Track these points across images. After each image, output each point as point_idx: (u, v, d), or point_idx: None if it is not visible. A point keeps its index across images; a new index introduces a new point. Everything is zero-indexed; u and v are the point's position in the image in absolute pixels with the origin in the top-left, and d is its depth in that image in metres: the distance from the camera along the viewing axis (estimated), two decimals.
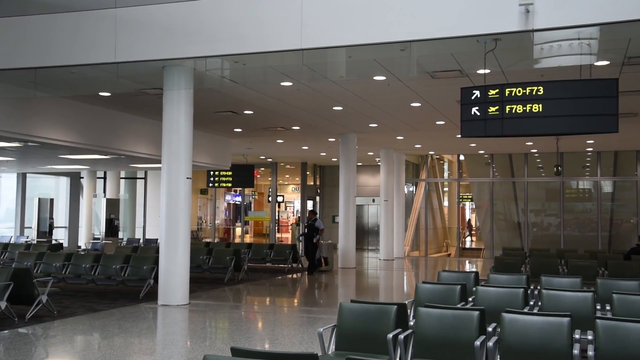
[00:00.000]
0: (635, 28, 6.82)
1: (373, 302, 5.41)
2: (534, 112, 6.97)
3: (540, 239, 21.92)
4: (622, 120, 9.56)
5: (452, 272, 8.45)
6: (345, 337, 5.11)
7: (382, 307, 5.19)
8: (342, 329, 5.14)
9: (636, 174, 20.54)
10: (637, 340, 4.34)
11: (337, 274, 15.22)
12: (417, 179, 23.71)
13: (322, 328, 5.10)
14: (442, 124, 14.21)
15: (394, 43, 7.47)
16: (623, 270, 9.94)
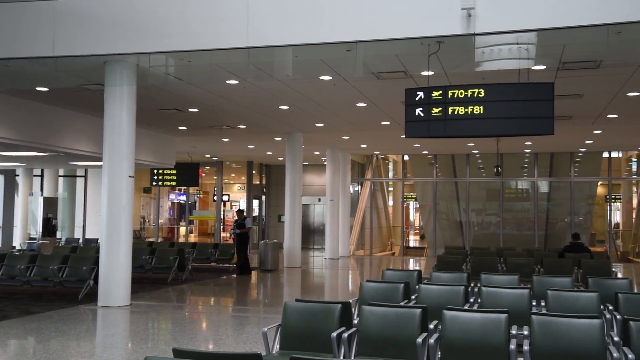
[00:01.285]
0: (569, 35, 7.10)
1: (318, 301, 5.43)
2: (475, 114, 7.15)
3: (481, 238, 22.54)
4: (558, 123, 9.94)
5: (396, 270, 8.59)
6: (290, 336, 5.11)
7: (326, 306, 5.22)
8: (286, 328, 5.14)
9: (570, 174, 21.38)
10: (569, 334, 4.52)
11: (282, 273, 15.20)
12: (362, 179, 23.94)
13: (266, 327, 5.08)
14: (387, 124, 14.40)
15: (340, 43, 7.53)
16: (557, 267, 10.33)
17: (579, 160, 21.69)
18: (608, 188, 22.03)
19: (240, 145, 19.22)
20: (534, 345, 4.57)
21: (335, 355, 4.78)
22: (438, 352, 4.80)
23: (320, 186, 24.21)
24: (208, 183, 31.28)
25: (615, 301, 6.00)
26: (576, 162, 21.52)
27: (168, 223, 27.96)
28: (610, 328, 5.79)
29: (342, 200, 20.81)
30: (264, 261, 15.43)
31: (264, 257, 15.44)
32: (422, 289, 6.60)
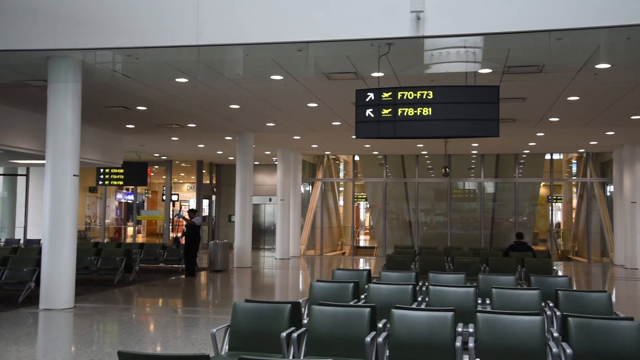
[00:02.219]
0: (513, 39, 7.32)
1: (267, 302, 5.41)
2: (424, 115, 7.27)
3: (430, 237, 22.94)
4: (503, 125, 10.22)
5: (346, 270, 8.64)
6: (239, 337, 5.07)
7: (276, 306, 5.21)
8: (235, 329, 5.10)
9: (515, 176, 22.01)
10: (512, 331, 4.66)
11: (232, 273, 15.08)
12: (313, 179, 24.00)
13: (215, 329, 5.03)
14: (338, 125, 14.48)
15: (291, 43, 7.53)
16: (502, 266, 10.61)
17: (523, 161, 22.36)
18: (550, 189, 22.79)
19: (190, 144, 18.96)
20: (478, 342, 4.69)
21: (285, 355, 4.78)
22: (387, 350, 4.86)
23: (271, 186, 24.14)
24: (157, 182, 30.71)
25: (556, 298, 6.20)
26: (520, 163, 22.17)
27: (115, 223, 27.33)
28: (550, 324, 6.00)
29: (293, 200, 20.80)
30: (213, 261, 15.27)
31: (214, 257, 15.28)
32: (371, 288, 6.67)
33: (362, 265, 18.99)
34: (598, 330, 4.51)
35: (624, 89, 10.37)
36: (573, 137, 16.65)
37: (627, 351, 4.41)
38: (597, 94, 10.80)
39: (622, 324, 4.54)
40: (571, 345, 4.47)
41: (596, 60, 8.45)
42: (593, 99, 11.17)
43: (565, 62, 8.69)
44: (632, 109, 12.07)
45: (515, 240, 13.32)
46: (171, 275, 14.08)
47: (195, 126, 15.00)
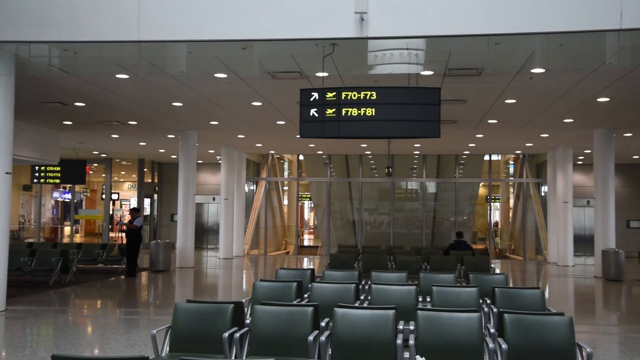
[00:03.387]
0: (454, 43, 7.49)
1: (209, 302, 5.35)
2: (367, 116, 7.35)
3: (373, 237, 23.22)
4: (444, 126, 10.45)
5: (289, 269, 8.63)
6: (180, 338, 4.99)
7: (218, 306, 5.15)
8: (176, 330, 5.02)
9: (455, 176, 22.55)
10: (450, 327, 4.77)
11: (174, 273, 14.82)
12: (257, 178, 23.88)
13: (155, 330, 4.93)
14: (283, 124, 14.46)
15: (236, 41, 7.46)
16: (442, 264, 10.86)
17: (463, 162, 22.93)
18: (488, 189, 23.47)
19: (131, 142, 18.51)
20: (419, 339, 4.78)
21: (227, 356, 4.73)
22: (329, 349, 4.89)
23: (214, 185, 23.86)
24: (96, 181, 29.87)
25: (493, 295, 6.39)
26: (460, 164, 22.73)
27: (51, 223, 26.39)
28: (487, 320, 6.18)
29: (237, 200, 20.64)
30: (155, 262, 14.98)
31: (155, 257, 14.99)
32: (314, 287, 6.69)
33: (306, 265, 19.04)
34: (531, 326, 4.67)
35: (557, 93, 10.79)
36: (510, 138, 17.20)
37: (558, 345, 4.59)
38: (533, 98, 11.20)
39: (553, 319, 4.72)
40: (506, 340, 4.62)
41: (532, 64, 8.75)
42: (529, 102, 11.57)
43: (503, 66, 8.97)
44: (565, 112, 12.57)
45: (455, 239, 13.65)
46: (111, 276, 13.72)
47: (137, 123, 14.66)
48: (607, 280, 14.15)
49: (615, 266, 14.19)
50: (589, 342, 6.80)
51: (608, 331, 8.66)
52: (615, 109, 12.12)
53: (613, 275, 14.15)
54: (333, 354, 4.84)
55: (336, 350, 4.83)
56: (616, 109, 12.12)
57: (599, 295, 12.62)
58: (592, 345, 6.89)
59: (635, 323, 9.15)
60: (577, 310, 10.55)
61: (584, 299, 12.35)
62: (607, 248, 14.52)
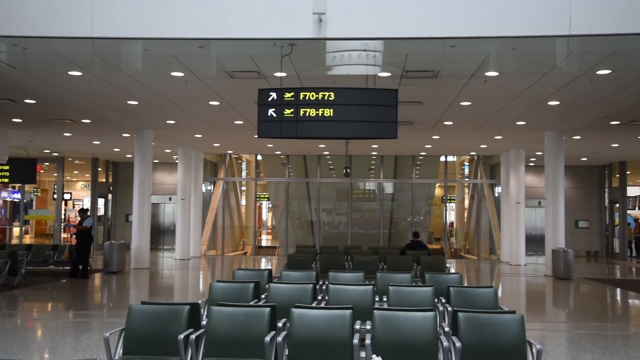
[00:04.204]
0: (411, 45, 7.59)
1: (165, 303, 5.27)
2: (325, 116, 7.37)
3: (331, 237, 23.30)
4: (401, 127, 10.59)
5: (247, 270, 8.58)
6: (134, 341, 4.91)
7: (173, 308, 5.09)
8: (130, 332, 4.93)
9: (412, 177, 22.84)
10: (406, 326, 4.83)
11: (129, 275, 14.55)
12: (215, 178, 23.66)
13: (108, 332, 4.83)
14: (241, 124, 14.37)
15: (193, 40, 7.37)
16: (399, 264, 10.98)
17: (420, 163, 23.25)
18: (444, 190, 23.86)
19: (85, 140, 18.07)
20: (375, 339, 4.82)
21: (182, 358, 4.68)
22: (286, 349, 4.89)
23: (171, 185, 23.53)
24: (47, 180, 29.05)
25: (448, 294, 6.50)
26: (417, 165, 23.03)
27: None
28: (442, 319, 6.28)
29: (194, 200, 20.41)
30: (108, 262, 14.67)
31: (109, 258, 14.69)
32: (272, 287, 6.67)
33: (264, 265, 18.96)
34: (484, 324, 4.77)
35: (510, 96, 11.05)
36: (465, 140, 17.52)
37: (509, 342, 4.70)
38: (487, 100, 11.44)
39: (505, 317, 4.84)
40: (460, 338, 4.70)
41: (486, 68, 8.94)
42: (483, 104, 11.82)
43: (459, 68, 9.13)
44: (517, 115, 12.89)
45: (412, 239, 13.81)
46: (62, 278, 13.37)
47: (90, 122, 14.32)
48: (557, 279, 14.58)
49: (565, 265, 14.63)
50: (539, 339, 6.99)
51: (557, 328, 8.91)
52: (565, 112, 12.49)
53: (562, 274, 14.58)
54: (290, 355, 4.84)
55: (293, 351, 4.83)
56: (566, 112, 12.49)
57: (549, 293, 12.98)
58: (542, 342, 7.09)
59: (582, 320, 9.45)
60: (528, 308, 10.82)
61: (534, 297, 12.68)
62: (557, 247, 14.95)
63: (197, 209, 20.75)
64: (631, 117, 12.74)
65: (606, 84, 9.82)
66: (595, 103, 11.38)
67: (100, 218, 24.17)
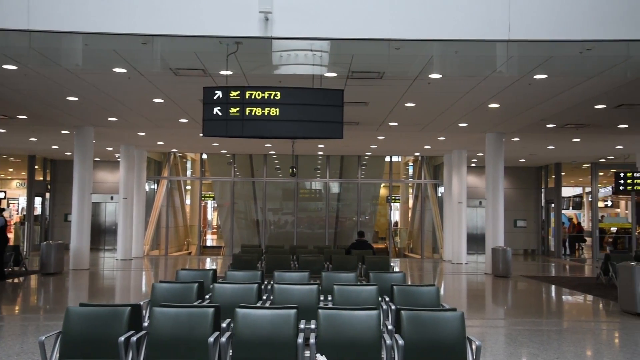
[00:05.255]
0: (357, 46, 7.66)
1: (104, 305, 5.13)
2: (271, 116, 7.35)
3: (277, 236, 23.25)
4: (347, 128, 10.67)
5: (191, 270, 8.47)
6: (72, 344, 4.76)
7: (114, 310, 4.97)
8: (68, 335, 4.78)
9: (358, 177, 23.05)
10: (350, 325, 4.87)
11: (67, 276, 14.10)
12: (158, 177, 23.22)
13: (44, 336, 4.67)
14: (186, 122, 14.16)
15: (136, 35, 7.20)
16: (344, 263, 11.06)
17: (365, 163, 23.49)
18: (389, 189, 24.19)
19: (21, 137, 17.38)
20: (319, 337, 4.84)
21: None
22: (230, 350, 4.85)
23: (112, 184, 22.96)
24: None
25: (391, 293, 6.59)
26: (363, 165, 23.27)
27: None
28: (386, 317, 6.37)
29: (137, 199, 19.99)
30: (45, 264, 14.19)
31: (46, 259, 14.21)
32: (216, 288, 6.61)
33: (208, 265, 18.75)
34: (426, 321, 4.87)
35: (453, 98, 11.31)
36: (410, 141, 17.82)
37: (450, 339, 4.81)
38: (431, 102, 11.67)
39: (447, 315, 4.95)
40: (403, 336, 4.78)
41: (429, 70, 9.13)
42: (427, 106, 12.05)
43: (403, 70, 9.28)
44: (460, 117, 13.21)
45: (357, 238, 13.93)
46: None
47: (27, 118, 13.79)
48: (496, 277, 15.02)
49: (504, 263, 15.10)
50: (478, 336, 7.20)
51: (496, 324, 9.19)
52: (505, 115, 12.89)
53: (501, 272, 15.04)
54: (234, 355, 4.80)
55: (237, 351, 4.80)
56: (505, 115, 12.89)
57: (488, 290, 13.36)
58: (481, 338, 7.30)
59: (519, 316, 9.77)
60: (468, 305, 11.11)
61: (475, 294, 13.02)
62: (497, 246, 15.41)
63: (140, 209, 20.33)
64: (566, 121, 13.27)
65: (543, 88, 10.20)
66: (533, 106, 11.79)
67: (37, 218, 23.33)
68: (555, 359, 6.48)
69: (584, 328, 8.70)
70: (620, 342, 7.75)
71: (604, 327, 9.00)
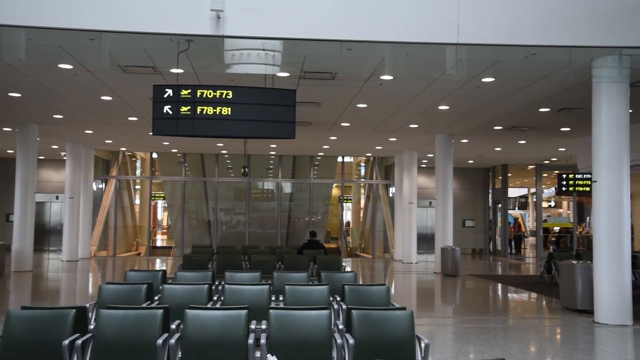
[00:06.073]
0: (309, 46, 7.68)
1: (48, 307, 4.98)
2: (223, 115, 7.29)
3: (228, 237, 23.06)
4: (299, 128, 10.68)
5: (139, 271, 8.31)
6: (13, 349, 4.60)
7: (58, 312, 4.82)
8: (8, 340, 4.62)
9: (310, 177, 23.10)
10: (301, 325, 4.88)
11: (9, 278, 13.61)
12: (107, 176, 22.69)
13: None
14: (135, 120, 13.88)
15: (83, 31, 7.02)
16: (296, 263, 11.06)
17: (318, 163, 23.56)
18: (341, 190, 24.33)
19: None
20: (270, 338, 4.83)
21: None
22: (179, 352, 4.78)
23: (58, 183, 22.30)
24: None
25: (342, 292, 6.63)
26: (315, 165, 23.32)
27: None
28: (337, 317, 6.40)
29: (84, 198, 19.48)
30: None
31: None
32: (165, 289, 6.51)
33: (158, 266, 18.43)
34: (376, 320, 4.92)
35: (404, 100, 11.47)
36: (362, 141, 17.98)
37: (400, 338, 4.87)
38: (382, 103, 11.80)
39: (397, 314, 5.01)
40: (353, 335, 4.82)
41: (381, 71, 9.23)
42: (379, 107, 12.18)
43: (355, 71, 9.36)
44: (411, 118, 13.41)
45: (309, 238, 13.96)
46: None
47: None
48: (445, 276, 15.32)
49: (452, 262, 15.41)
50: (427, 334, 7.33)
51: (444, 323, 9.37)
52: (454, 117, 13.16)
53: (450, 271, 15.35)
54: (183, 357, 4.74)
55: (186, 353, 4.74)
56: (455, 117, 13.16)
57: (437, 289, 13.61)
58: (430, 336, 7.43)
59: (467, 314, 9.99)
60: (418, 304, 11.29)
61: (424, 293, 13.24)
62: (446, 246, 15.71)
63: (87, 208, 19.82)
64: (512, 123, 13.66)
65: (490, 91, 10.47)
66: (481, 108, 12.08)
67: None
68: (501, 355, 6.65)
69: (528, 325, 8.97)
70: (561, 338, 8.03)
71: (547, 324, 9.30)
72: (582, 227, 24.85)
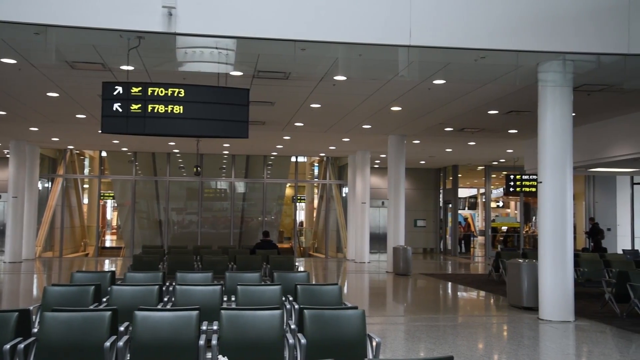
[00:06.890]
0: (263, 45, 7.65)
1: None
2: (175, 113, 7.18)
3: (180, 237, 22.74)
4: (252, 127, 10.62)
5: (87, 272, 8.10)
6: None
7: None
8: None
9: (263, 176, 23.01)
10: (253, 325, 4.85)
11: None
12: (53, 175, 22.03)
13: None
14: (83, 118, 13.53)
15: (27, 25, 6.79)
16: (249, 263, 11.00)
17: (271, 163, 23.49)
18: (295, 190, 24.33)
19: None
20: (222, 339, 4.78)
21: None
22: (127, 354, 4.69)
23: (2, 181, 21.51)
24: None
25: (295, 292, 6.63)
26: (268, 165, 23.25)
27: None
28: (289, 317, 6.40)
29: (28, 198, 18.86)
30: None
31: None
32: (114, 290, 6.37)
33: (107, 267, 18.01)
34: (328, 320, 4.94)
35: (357, 100, 11.56)
36: (315, 141, 18.02)
37: (351, 337, 4.91)
38: (336, 103, 11.87)
39: (349, 313, 5.04)
40: (305, 335, 4.82)
41: (335, 72, 9.28)
42: (332, 107, 12.24)
43: (309, 71, 9.38)
44: (364, 119, 13.53)
45: (262, 238, 13.91)
46: None
47: None
48: (397, 275, 15.52)
49: (404, 261, 15.62)
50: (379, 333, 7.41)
51: (395, 321, 9.49)
52: (406, 118, 13.34)
53: (402, 270, 15.56)
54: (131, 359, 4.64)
55: (135, 355, 4.65)
56: (407, 118, 13.35)
57: (389, 288, 13.77)
58: (382, 335, 7.52)
59: (418, 313, 10.15)
60: (370, 303, 11.39)
61: (376, 292, 13.38)
62: (398, 245, 15.91)
63: (31, 208, 19.21)
64: (463, 125, 13.95)
65: (441, 93, 10.66)
66: (433, 110, 12.29)
67: None
68: (450, 352, 6.78)
69: (476, 322, 9.18)
70: (507, 335, 8.25)
71: (494, 321, 9.54)
72: (528, 227, 25.60)
